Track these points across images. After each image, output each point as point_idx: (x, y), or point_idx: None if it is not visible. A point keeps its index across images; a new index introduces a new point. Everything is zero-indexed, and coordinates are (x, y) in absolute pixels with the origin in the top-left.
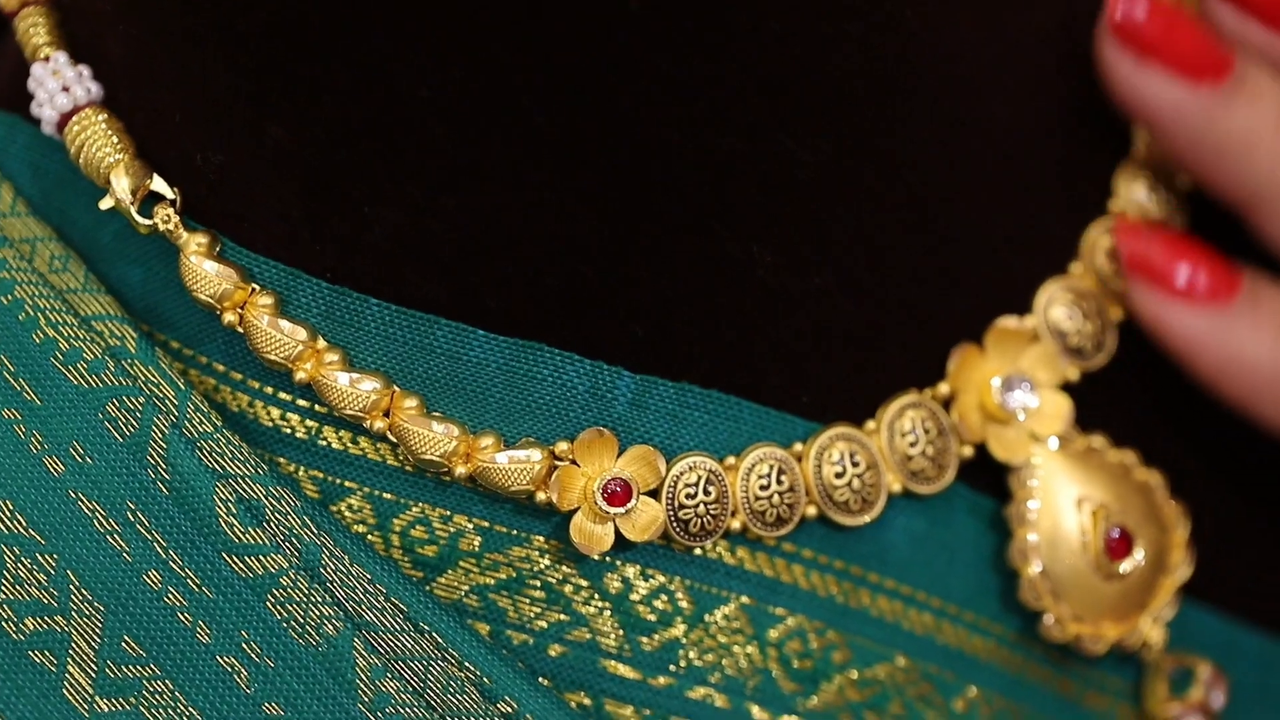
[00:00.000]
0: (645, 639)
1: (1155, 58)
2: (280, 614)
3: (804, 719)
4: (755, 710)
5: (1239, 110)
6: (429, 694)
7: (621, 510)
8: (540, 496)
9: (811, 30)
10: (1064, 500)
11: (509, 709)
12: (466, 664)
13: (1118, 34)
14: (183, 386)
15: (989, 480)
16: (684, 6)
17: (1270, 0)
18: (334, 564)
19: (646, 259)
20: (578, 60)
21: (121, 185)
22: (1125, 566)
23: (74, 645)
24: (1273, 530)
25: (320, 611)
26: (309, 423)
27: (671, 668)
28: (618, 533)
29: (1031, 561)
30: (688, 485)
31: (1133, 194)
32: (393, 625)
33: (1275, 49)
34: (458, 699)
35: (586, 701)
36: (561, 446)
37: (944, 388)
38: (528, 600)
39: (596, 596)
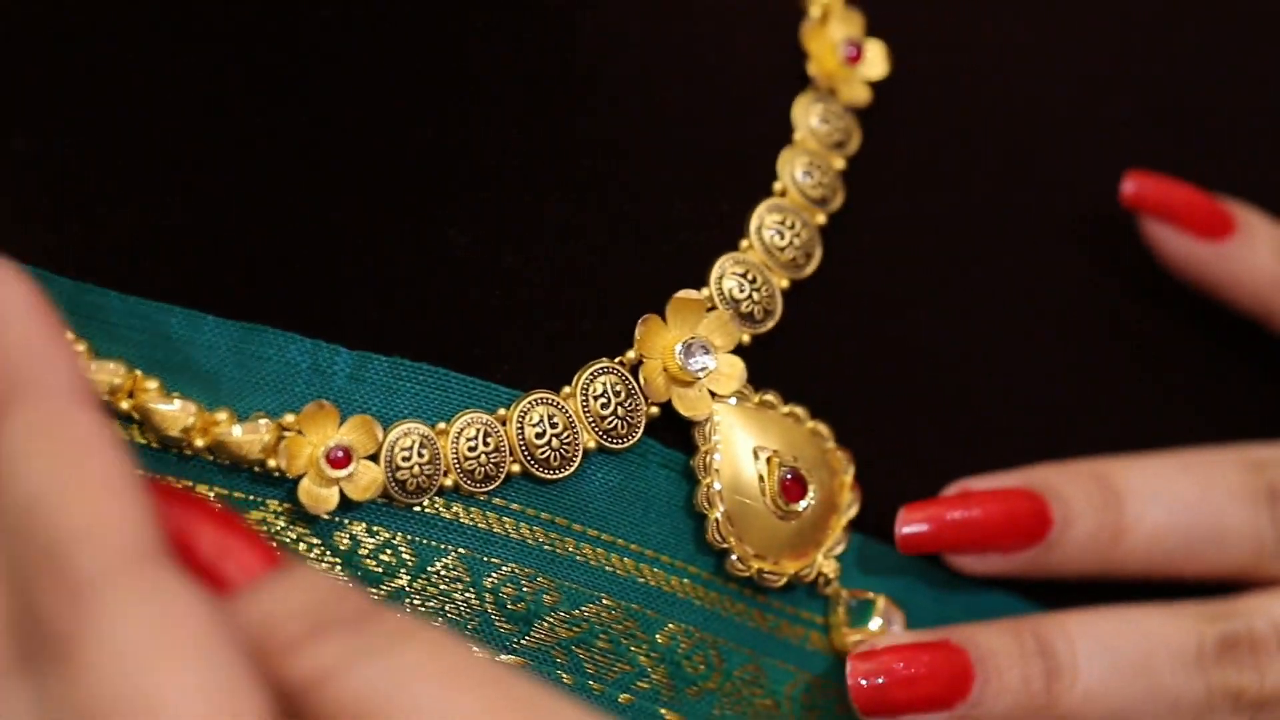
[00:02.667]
0: (374, 590)
1: None
2: None
3: (520, 656)
4: (476, 650)
5: None
6: None
7: (344, 473)
8: (271, 464)
9: (494, 27)
10: (743, 450)
11: None
12: None
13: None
14: None
15: (677, 436)
16: (373, 10)
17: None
18: None
19: (358, 244)
20: (280, 61)
21: None
22: (799, 506)
23: None
24: (932, 469)
25: None
26: None
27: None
28: (343, 494)
29: (716, 506)
30: (403, 449)
31: (794, 176)
32: None
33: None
34: None
35: None
36: (288, 418)
37: (631, 354)
38: None
39: (328, 553)
